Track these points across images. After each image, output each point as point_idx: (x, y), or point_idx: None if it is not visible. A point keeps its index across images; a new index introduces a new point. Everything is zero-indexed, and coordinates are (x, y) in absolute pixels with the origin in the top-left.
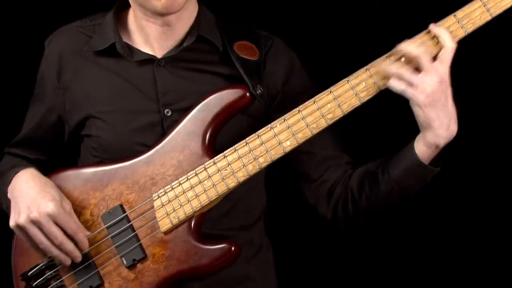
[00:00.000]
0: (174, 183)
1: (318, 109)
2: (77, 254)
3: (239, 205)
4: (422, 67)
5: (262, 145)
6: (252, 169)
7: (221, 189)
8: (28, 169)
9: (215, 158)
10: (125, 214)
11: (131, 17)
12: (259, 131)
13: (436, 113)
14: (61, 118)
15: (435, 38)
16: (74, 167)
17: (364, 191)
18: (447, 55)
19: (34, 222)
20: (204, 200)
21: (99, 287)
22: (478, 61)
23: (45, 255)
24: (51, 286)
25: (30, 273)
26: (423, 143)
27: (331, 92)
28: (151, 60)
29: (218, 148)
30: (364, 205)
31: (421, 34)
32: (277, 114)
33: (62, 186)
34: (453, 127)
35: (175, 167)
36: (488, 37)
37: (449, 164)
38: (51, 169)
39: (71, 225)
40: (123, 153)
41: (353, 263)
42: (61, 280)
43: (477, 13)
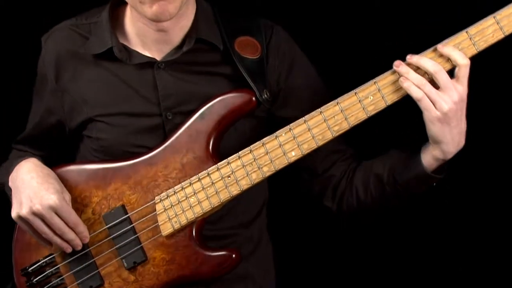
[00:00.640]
0: (176, 187)
1: (324, 121)
2: (78, 242)
3: (239, 204)
4: (440, 84)
5: (267, 154)
6: (255, 178)
7: (224, 196)
8: (30, 159)
9: (218, 164)
10: (127, 215)
11: (128, 16)
12: (264, 139)
13: (449, 129)
14: (60, 120)
15: (442, 56)
16: (76, 162)
17: (369, 190)
18: (463, 72)
19: (36, 214)
20: (206, 206)
21: (99, 287)
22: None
23: (47, 245)
24: (51, 283)
25: (30, 269)
26: (430, 156)
27: (338, 103)
28: (150, 63)
29: (220, 149)
30: (369, 203)
31: (427, 51)
32: (281, 111)
33: (64, 181)
34: (462, 142)
35: (178, 170)
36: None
37: (449, 164)
38: (52, 164)
39: (72, 218)
40: (123, 155)
41: (353, 258)
42: (61, 278)
43: (490, 30)
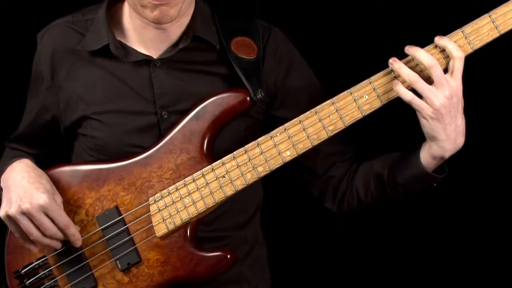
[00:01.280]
0: (171, 187)
1: (319, 120)
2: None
3: (234, 206)
4: (434, 78)
5: (261, 154)
6: (250, 178)
7: (219, 196)
8: (23, 160)
9: (213, 164)
10: (121, 216)
11: (126, 13)
12: (259, 139)
13: (443, 126)
14: (55, 117)
15: (442, 52)
16: (69, 163)
17: (369, 190)
18: (457, 65)
19: (25, 213)
20: (201, 207)
21: None
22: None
23: (32, 247)
24: (44, 285)
25: (23, 271)
26: (428, 154)
27: (333, 103)
28: (147, 61)
29: (215, 149)
30: (369, 204)
31: (428, 47)
32: (278, 111)
33: (57, 183)
34: (460, 140)
35: (172, 170)
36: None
37: (448, 165)
38: (47, 163)
39: (63, 219)
40: (118, 154)
41: (349, 260)
42: (55, 280)
43: (485, 29)
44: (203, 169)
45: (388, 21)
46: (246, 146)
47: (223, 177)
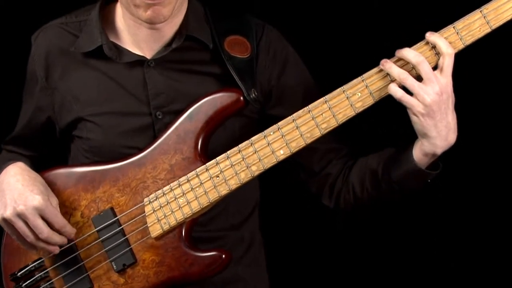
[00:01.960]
0: (165, 188)
1: (312, 119)
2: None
3: (230, 206)
4: (422, 75)
5: (255, 153)
6: (244, 177)
7: (213, 196)
8: (18, 163)
9: (207, 164)
10: (116, 218)
11: (119, 14)
12: (252, 138)
13: (433, 123)
14: (50, 118)
15: (433, 48)
16: (65, 166)
17: (365, 187)
18: (447, 62)
19: (20, 215)
20: (195, 207)
21: None
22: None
23: (30, 249)
24: (41, 287)
25: (19, 273)
26: (420, 151)
27: (326, 101)
28: (140, 61)
29: (210, 149)
30: (365, 200)
31: (419, 44)
32: (273, 109)
33: (53, 185)
34: (451, 137)
35: (167, 171)
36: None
37: (443, 161)
38: (44, 165)
39: (58, 220)
40: (114, 155)
41: (347, 260)
42: (51, 282)
43: (476, 25)
44: (197, 169)
45: (387, 21)
46: (239, 145)
47: (217, 176)
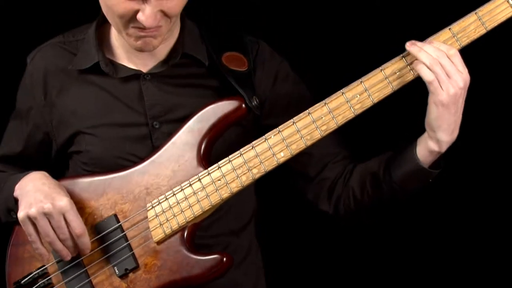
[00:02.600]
0: (168, 193)
1: (313, 122)
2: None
3: (230, 212)
4: (456, 66)
5: (256, 157)
6: (245, 180)
7: (215, 199)
8: (41, 171)
9: (209, 168)
10: (119, 224)
11: (113, 32)
12: (253, 142)
13: (448, 116)
14: (48, 135)
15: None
16: (69, 176)
17: (366, 190)
18: (456, 62)
19: (46, 213)
20: (197, 210)
21: None
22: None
23: (43, 253)
24: None
25: (23, 281)
26: (424, 149)
27: (325, 104)
28: (136, 75)
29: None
30: (366, 203)
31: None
32: (267, 119)
33: None
34: (455, 133)
35: (170, 177)
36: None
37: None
38: None
39: (80, 224)
40: (113, 165)
41: (345, 266)
42: None
43: (472, 27)
44: (199, 174)
45: (388, 21)
46: (241, 149)
47: (219, 180)
